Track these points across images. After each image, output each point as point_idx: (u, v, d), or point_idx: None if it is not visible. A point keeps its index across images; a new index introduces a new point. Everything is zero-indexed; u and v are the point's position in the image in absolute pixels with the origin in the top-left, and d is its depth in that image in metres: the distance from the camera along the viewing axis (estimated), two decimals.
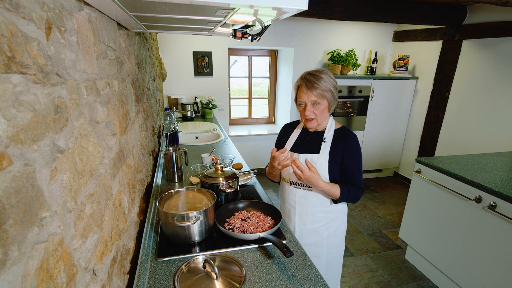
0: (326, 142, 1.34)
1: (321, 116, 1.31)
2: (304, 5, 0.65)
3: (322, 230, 1.42)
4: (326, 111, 1.31)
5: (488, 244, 1.76)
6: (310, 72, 1.28)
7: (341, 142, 1.33)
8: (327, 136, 1.35)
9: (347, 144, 1.31)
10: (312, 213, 1.41)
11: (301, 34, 3.76)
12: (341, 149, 1.32)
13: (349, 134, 1.35)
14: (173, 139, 2.14)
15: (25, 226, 0.42)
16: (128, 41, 1.32)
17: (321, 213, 1.40)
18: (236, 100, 4.30)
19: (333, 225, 1.43)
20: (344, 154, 1.31)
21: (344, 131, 1.36)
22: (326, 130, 1.37)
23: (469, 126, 3.18)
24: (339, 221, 1.45)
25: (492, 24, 2.85)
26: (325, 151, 1.33)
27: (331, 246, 1.45)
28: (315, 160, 1.33)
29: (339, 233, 1.47)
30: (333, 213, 1.42)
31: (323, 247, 1.44)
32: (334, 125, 1.38)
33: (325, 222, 1.42)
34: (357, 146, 1.33)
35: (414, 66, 3.86)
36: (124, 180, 1.04)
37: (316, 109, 1.28)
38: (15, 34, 0.42)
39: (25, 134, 0.43)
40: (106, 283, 0.77)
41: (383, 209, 3.38)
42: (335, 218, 1.43)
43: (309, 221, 1.42)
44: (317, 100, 1.26)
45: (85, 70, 0.70)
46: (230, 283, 0.92)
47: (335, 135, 1.35)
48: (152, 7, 0.73)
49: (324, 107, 1.29)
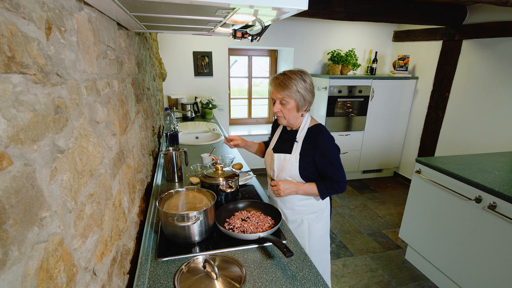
0: (297, 141, 1.38)
1: (289, 114, 1.34)
2: (304, 5, 0.65)
3: (304, 219, 1.47)
4: (294, 110, 1.34)
5: (488, 244, 1.76)
6: (284, 72, 1.33)
7: (311, 143, 1.35)
8: (299, 136, 1.39)
9: (316, 146, 1.33)
10: (291, 207, 1.47)
11: (301, 34, 3.76)
12: (311, 150, 1.34)
13: (318, 134, 1.35)
14: (173, 139, 2.14)
15: (25, 226, 0.42)
16: (128, 41, 1.32)
17: (300, 207, 1.46)
18: (236, 100, 4.30)
19: (313, 216, 1.47)
20: (315, 156, 1.33)
21: (315, 131, 1.37)
22: (299, 129, 1.40)
23: (469, 126, 3.18)
24: (319, 214, 1.48)
25: (492, 24, 2.85)
26: (296, 151, 1.38)
27: (313, 239, 1.49)
28: (287, 160, 1.39)
29: (321, 227, 1.50)
30: (314, 207, 1.46)
31: (305, 238, 1.48)
32: (308, 123, 1.40)
33: (304, 214, 1.47)
34: (328, 145, 1.33)
35: (414, 66, 3.86)
36: (124, 180, 1.04)
37: (284, 108, 1.33)
38: (15, 34, 0.42)
39: (25, 134, 0.43)
40: (106, 283, 0.77)
41: (383, 209, 3.38)
42: (314, 211, 1.47)
43: (289, 213, 1.48)
44: (284, 99, 1.31)
45: (85, 70, 0.70)
46: (230, 283, 0.92)
47: (307, 135, 1.37)
48: (152, 7, 0.73)
49: (291, 107, 1.32)
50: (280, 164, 1.42)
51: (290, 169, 1.38)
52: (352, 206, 3.43)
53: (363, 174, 4.28)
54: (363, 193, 3.77)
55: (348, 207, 3.40)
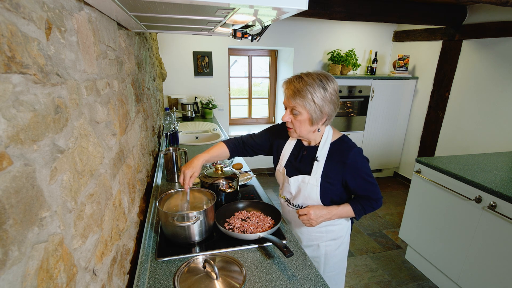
0: (319, 161, 1.16)
1: (300, 127, 1.12)
2: (304, 5, 0.65)
3: (320, 246, 1.30)
4: (307, 124, 1.10)
5: (488, 244, 1.76)
6: (300, 75, 1.09)
7: (338, 161, 1.13)
8: (320, 154, 1.16)
9: (345, 165, 1.11)
10: (307, 232, 1.30)
11: (301, 34, 3.76)
12: (339, 170, 1.13)
13: (346, 151, 1.13)
14: (173, 139, 2.14)
15: (25, 226, 0.42)
16: (128, 41, 1.32)
17: (317, 233, 1.29)
18: (236, 100, 4.30)
19: (333, 243, 1.30)
20: (345, 176, 1.13)
21: (341, 147, 1.15)
22: (320, 145, 1.17)
23: (469, 126, 3.18)
24: (340, 241, 1.31)
25: (492, 24, 2.85)
26: (317, 172, 1.15)
27: (329, 265, 1.33)
28: (306, 182, 1.18)
29: (339, 253, 1.33)
30: (332, 233, 1.28)
31: (320, 264, 1.33)
32: (330, 137, 1.17)
33: (322, 241, 1.30)
34: (359, 161, 1.12)
35: (414, 66, 3.86)
36: (124, 180, 1.04)
37: (295, 118, 1.11)
38: (15, 34, 0.42)
39: (25, 134, 0.43)
40: (106, 283, 0.77)
41: (383, 209, 3.38)
42: (335, 238, 1.30)
43: (304, 239, 1.32)
44: (295, 109, 1.08)
45: (85, 70, 0.70)
46: (230, 283, 0.92)
47: (330, 151, 1.15)
48: (152, 7, 0.73)
49: (303, 119, 1.09)
50: (297, 187, 1.21)
51: (309, 193, 1.18)
52: None
53: None
54: None
55: None
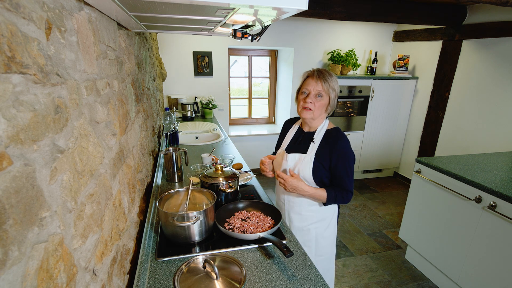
0: (314, 142, 1.36)
1: (318, 110, 1.32)
2: (304, 5, 0.65)
3: (311, 228, 1.44)
4: (324, 108, 1.33)
5: (488, 244, 1.76)
6: (323, 68, 1.33)
7: (330, 144, 1.32)
8: (317, 136, 1.36)
9: (335, 148, 1.30)
10: (299, 212, 1.44)
11: (301, 34, 3.76)
12: (328, 152, 1.31)
13: (338, 137, 1.33)
14: (173, 139, 2.14)
15: (25, 226, 0.42)
16: (128, 41, 1.32)
17: (308, 212, 1.42)
18: (236, 100, 4.30)
19: (321, 225, 1.44)
20: (332, 157, 1.31)
21: (334, 133, 1.35)
22: (317, 130, 1.38)
23: (469, 126, 3.18)
24: (328, 222, 1.45)
25: (492, 24, 2.85)
26: (312, 151, 1.34)
27: (320, 248, 1.46)
28: (302, 160, 1.35)
29: (328, 235, 1.47)
30: (321, 213, 1.43)
31: (311, 247, 1.46)
32: (326, 125, 1.39)
33: (312, 221, 1.43)
34: (347, 149, 1.31)
35: (414, 66, 3.86)
36: (124, 180, 1.04)
37: (317, 101, 1.31)
38: (15, 34, 0.42)
39: (25, 134, 0.43)
40: (106, 283, 0.77)
41: (383, 209, 3.38)
42: (323, 219, 1.44)
43: (296, 219, 1.45)
44: (321, 92, 1.29)
45: (85, 70, 0.70)
46: (230, 283, 0.92)
47: (325, 136, 1.35)
48: (152, 7, 0.73)
49: (324, 103, 1.32)
50: (294, 165, 1.38)
51: (303, 170, 1.34)
52: (352, 206, 3.43)
53: (363, 174, 4.28)
54: (363, 193, 3.78)
55: (348, 207, 3.40)
